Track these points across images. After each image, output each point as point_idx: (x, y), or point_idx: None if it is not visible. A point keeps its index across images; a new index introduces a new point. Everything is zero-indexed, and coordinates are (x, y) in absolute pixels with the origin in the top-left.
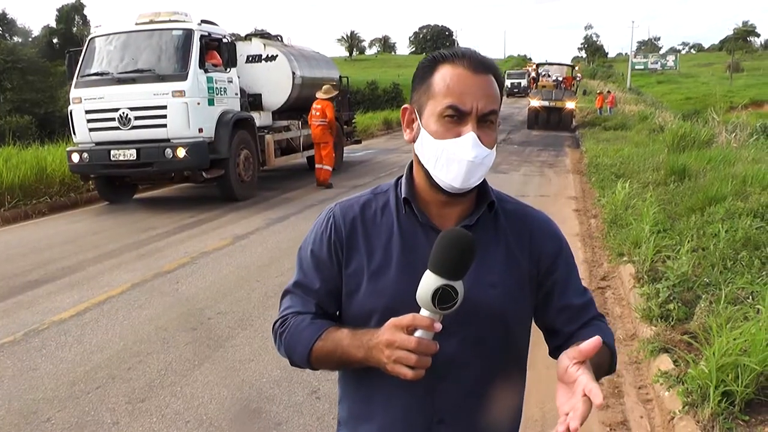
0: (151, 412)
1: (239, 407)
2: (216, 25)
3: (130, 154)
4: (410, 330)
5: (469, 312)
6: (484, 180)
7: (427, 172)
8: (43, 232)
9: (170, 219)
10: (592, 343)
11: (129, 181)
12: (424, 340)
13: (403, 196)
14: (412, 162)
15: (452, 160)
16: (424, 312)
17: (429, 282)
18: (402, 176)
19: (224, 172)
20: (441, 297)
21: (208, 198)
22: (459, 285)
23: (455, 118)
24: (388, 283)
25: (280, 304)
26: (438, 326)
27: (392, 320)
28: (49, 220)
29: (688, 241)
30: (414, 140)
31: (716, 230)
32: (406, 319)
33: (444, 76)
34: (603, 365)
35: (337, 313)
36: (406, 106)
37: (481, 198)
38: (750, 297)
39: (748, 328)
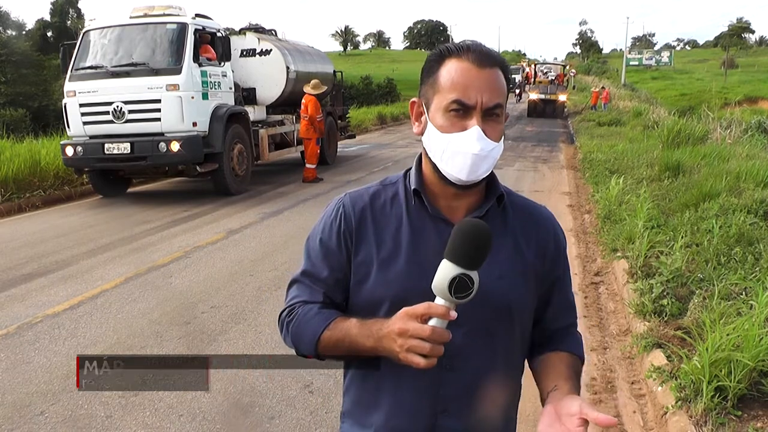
0: (144, 406)
1: (232, 401)
2: (210, 19)
3: (124, 147)
4: (424, 319)
5: (477, 303)
6: (493, 173)
7: (435, 164)
8: (36, 226)
9: (164, 213)
10: (606, 420)
11: (123, 174)
12: (438, 328)
13: (413, 187)
14: (421, 154)
15: (457, 153)
16: (439, 300)
17: (446, 270)
18: (411, 168)
19: (218, 166)
20: (458, 286)
21: (202, 192)
22: (475, 275)
23: (460, 112)
24: (397, 273)
25: (286, 294)
26: (453, 314)
27: (405, 309)
28: (42, 213)
29: (682, 237)
30: (422, 133)
31: (710, 226)
32: (421, 308)
33: (450, 70)
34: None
35: (345, 302)
36: (414, 99)
37: (489, 191)
38: (743, 293)
39: (741, 324)
